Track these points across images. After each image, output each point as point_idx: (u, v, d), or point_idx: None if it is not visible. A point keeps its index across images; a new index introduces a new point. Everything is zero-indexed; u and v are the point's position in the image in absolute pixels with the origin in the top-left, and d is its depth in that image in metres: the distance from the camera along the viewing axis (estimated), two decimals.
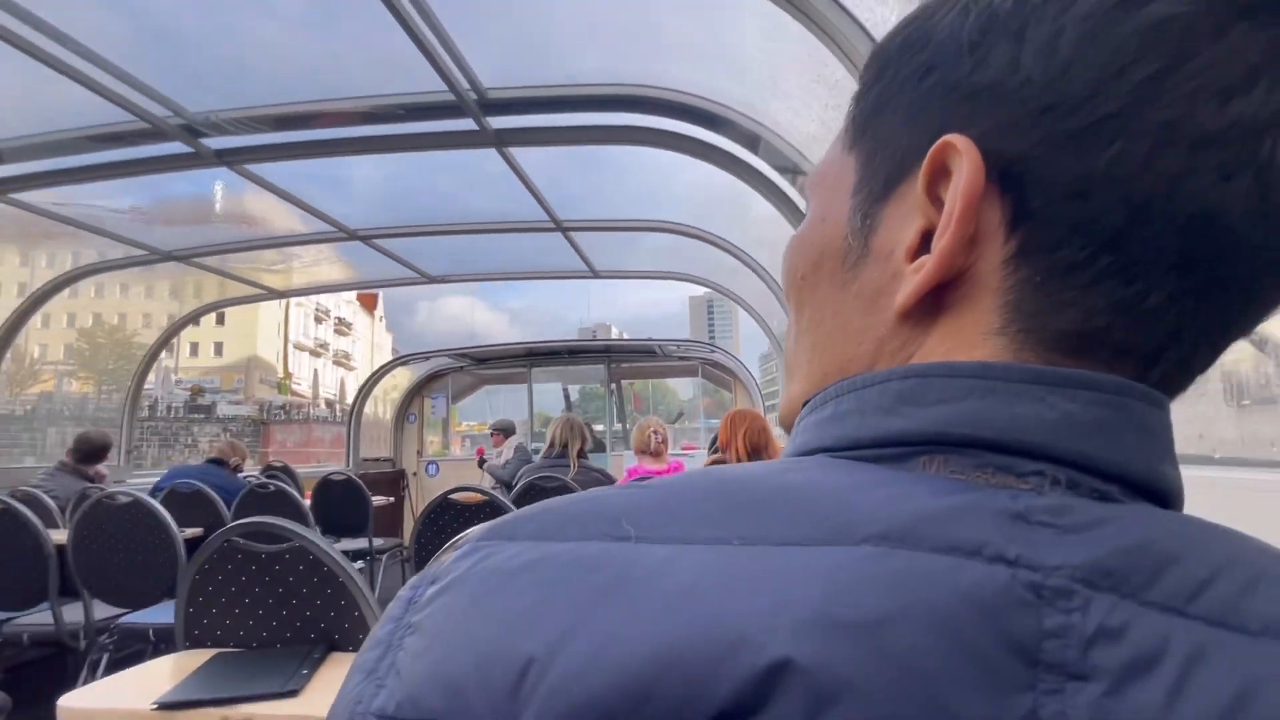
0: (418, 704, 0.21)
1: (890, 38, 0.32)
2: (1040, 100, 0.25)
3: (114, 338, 28.12)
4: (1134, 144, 0.24)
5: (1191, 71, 0.24)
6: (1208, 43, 0.24)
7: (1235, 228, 0.25)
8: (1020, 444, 0.24)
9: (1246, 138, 0.24)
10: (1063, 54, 0.25)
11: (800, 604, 0.20)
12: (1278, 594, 0.21)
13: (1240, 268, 0.26)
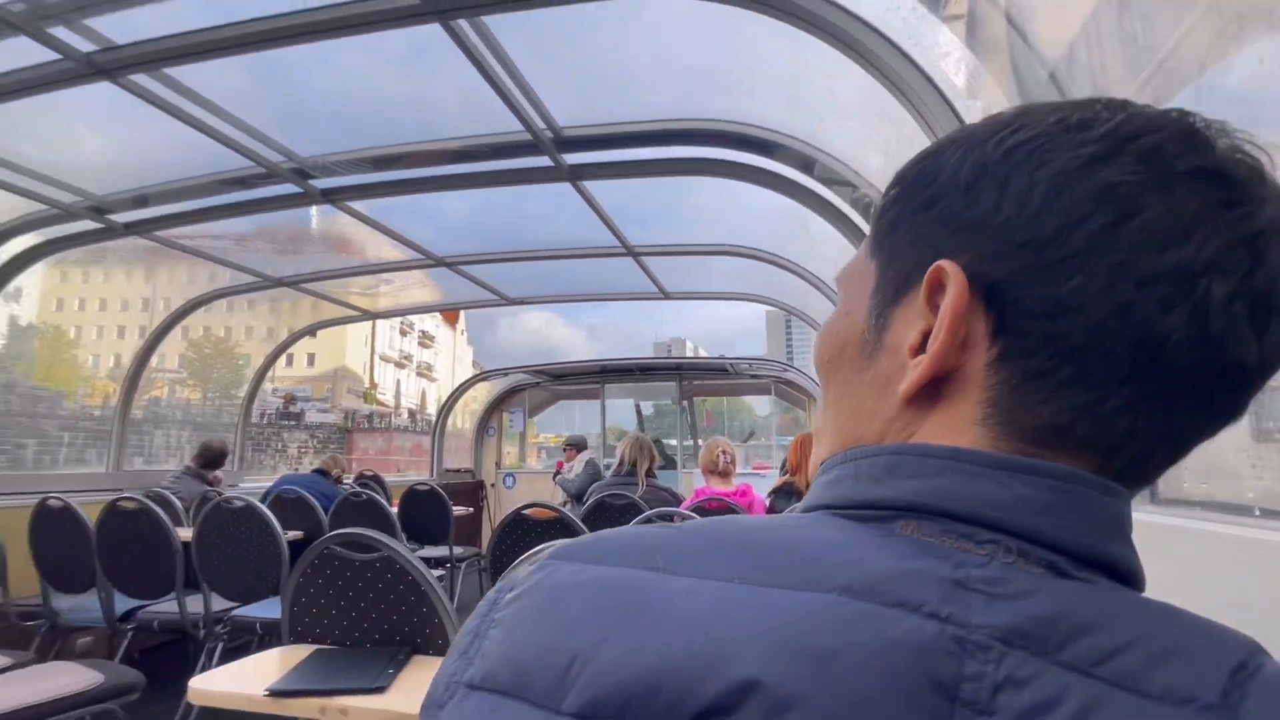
0: (495, 678, 0.29)
1: (908, 168, 0.39)
2: (1017, 237, 0.32)
3: (219, 348, 30.56)
4: (1090, 278, 0.30)
5: (1137, 225, 0.30)
6: (1150, 202, 0.30)
7: (1177, 350, 0.30)
8: (979, 517, 0.31)
9: (1183, 279, 0.30)
10: (1035, 202, 0.32)
11: (773, 634, 0.27)
12: (1184, 668, 0.25)
13: (1185, 383, 0.31)
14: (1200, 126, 0.32)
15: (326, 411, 32.32)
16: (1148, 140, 0.31)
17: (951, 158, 0.36)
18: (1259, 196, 0.31)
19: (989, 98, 1.34)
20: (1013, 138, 0.34)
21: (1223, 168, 0.31)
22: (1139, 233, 0.30)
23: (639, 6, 1.80)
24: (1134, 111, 0.33)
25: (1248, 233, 0.30)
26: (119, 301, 35.66)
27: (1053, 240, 0.31)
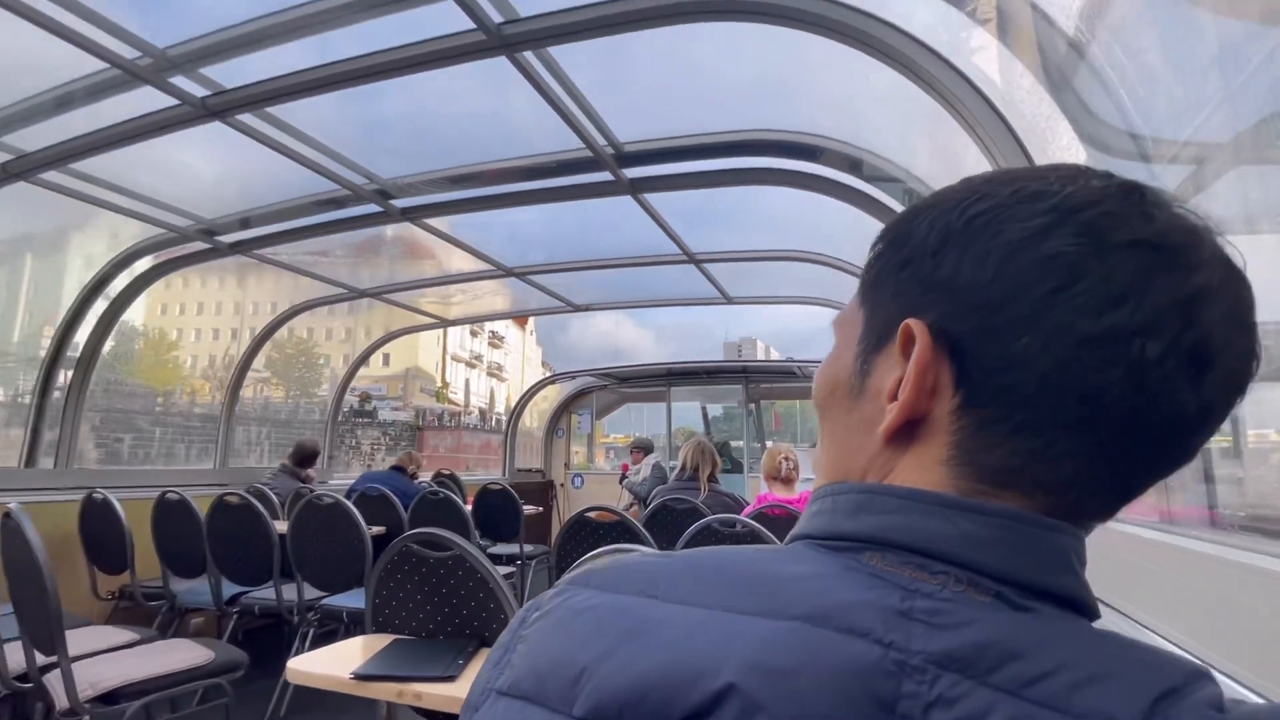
0: (519, 686, 0.36)
1: (890, 226, 0.44)
2: (974, 299, 0.37)
3: (300, 349, 32.19)
4: (1036, 338, 0.35)
5: (1077, 291, 0.34)
6: (1090, 270, 0.34)
7: (1117, 403, 0.34)
8: (930, 550, 0.35)
9: (1119, 339, 0.34)
10: (990, 268, 0.37)
11: (745, 653, 0.32)
12: (1109, 692, 0.29)
13: (1126, 431, 0.35)
14: (1138, 200, 0.36)
15: (399, 410, 32.84)
16: (1088, 214, 0.35)
17: (924, 222, 0.41)
18: (1191, 264, 0.34)
19: (1023, 88, 1.33)
20: (975, 206, 0.38)
21: (1157, 239, 0.34)
22: (1079, 298, 0.34)
23: (693, 29, 1.84)
24: (1081, 185, 0.37)
25: (1179, 297, 0.34)
26: (214, 305, 37.88)
27: (1004, 303, 0.36)
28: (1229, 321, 0.34)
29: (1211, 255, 0.35)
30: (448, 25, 1.90)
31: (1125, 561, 0.96)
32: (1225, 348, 0.34)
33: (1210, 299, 0.34)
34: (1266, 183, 0.87)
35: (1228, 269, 0.35)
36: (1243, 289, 0.36)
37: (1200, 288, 0.34)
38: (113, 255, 3.73)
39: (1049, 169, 0.39)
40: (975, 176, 0.42)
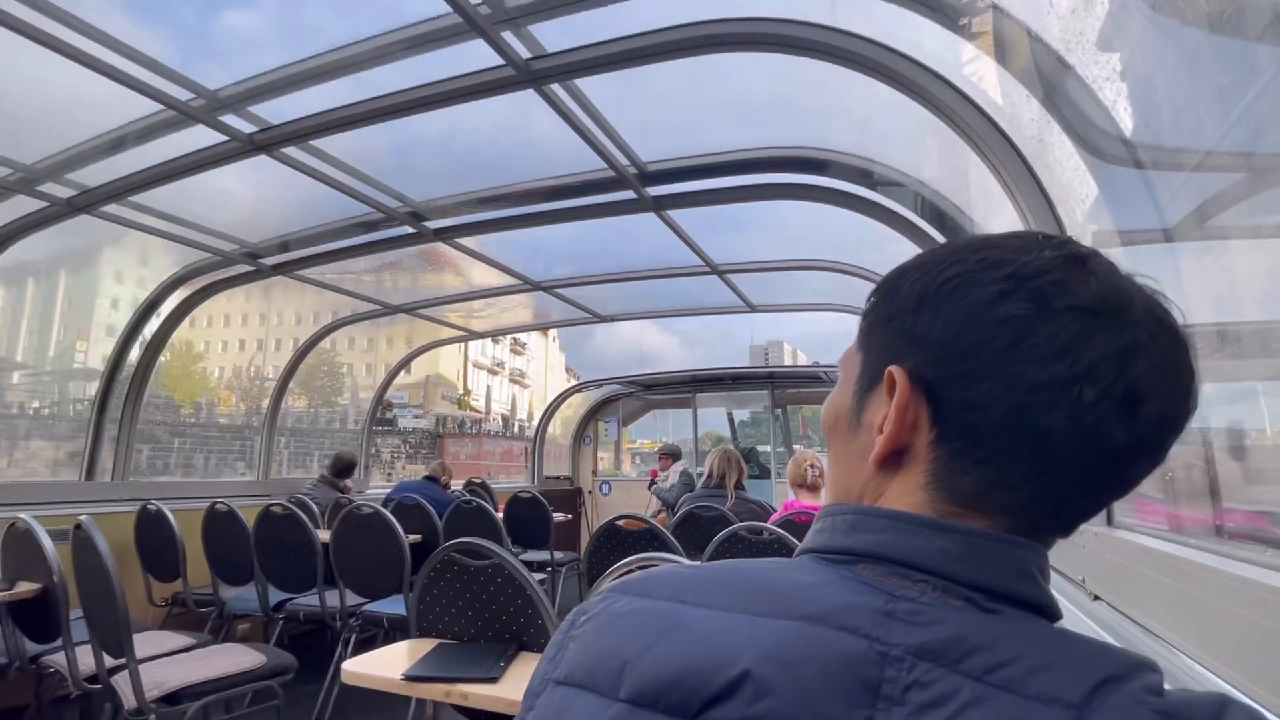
0: (573, 676, 0.45)
1: (883, 283, 0.52)
2: (943, 351, 0.45)
3: (321, 358, 32.24)
4: (994, 385, 0.43)
5: (1026, 346, 0.42)
6: (1037, 330, 0.42)
7: (1062, 439, 0.42)
8: (911, 562, 0.43)
9: (1061, 387, 0.41)
10: (955, 326, 0.45)
11: (758, 647, 0.40)
12: (1057, 677, 0.36)
13: (1071, 462, 0.42)
14: (1080, 270, 0.43)
15: (420, 418, 32.18)
16: (1037, 281, 0.43)
17: (907, 283, 0.49)
18: (1122, 323, 0.42)
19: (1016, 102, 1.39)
20: (948, 271, 0.46)
21: (1093, 303, 0.42)
22: (1028, 352, 0.42)
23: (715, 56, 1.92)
24: (1034, 256, 0.44)
25: (1111, 351, 0.41)
26: (240, 318, 38.01)
27: (968, 355, 0.43)
28: (1155, 371, 0.41)
29: (1142, 315, 0.42)
30: (479, 62, 2.02)
31: (1139, 572, 1.01)
32: (1152, 392, 0.41)
33: (1138, 352, 0.41)
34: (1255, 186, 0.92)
35: (1157, 326, 0.43)
36: (1169, 343, 0.43)
37: (1129, 343, 0.41)
38: (138, 272, 3.92)
39: (1014, 238, 0.47)
40: (954, 243, 0.50)
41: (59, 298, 28.24)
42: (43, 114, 2.60)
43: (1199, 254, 1.08)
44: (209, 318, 39.33)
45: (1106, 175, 1.29)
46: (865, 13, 1.60)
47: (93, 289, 27.31)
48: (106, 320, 26.67)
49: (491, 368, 52.42)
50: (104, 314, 27.43)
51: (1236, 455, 1.02)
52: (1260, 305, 0.95)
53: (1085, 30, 1.13)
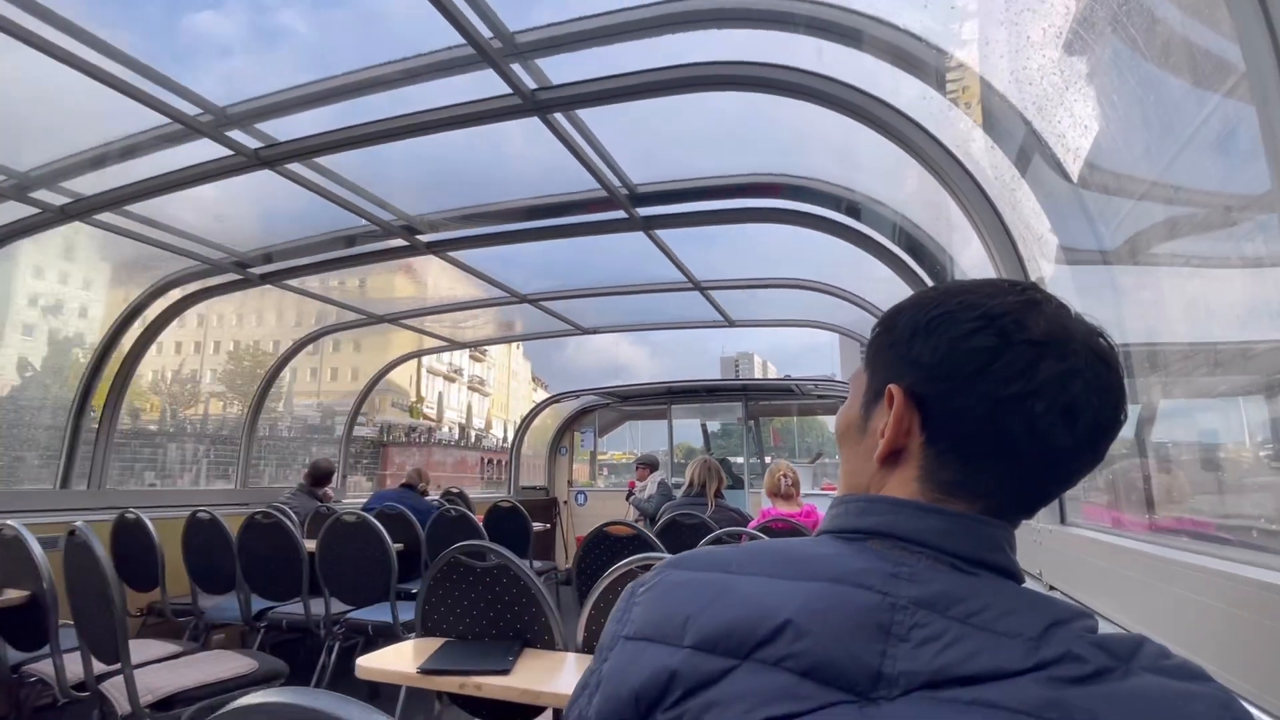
0: (641, 632, 0.57)
1: (886, 317, 0.66)
2: (931, 373, 0.59)
3: (260, 361, 29.56)
4: (967, 400, 0.57)
5: (991, 371, 0.56)
6: (1000, 358, 0.56)
7: (1019, 441, 0.56)
8: (910, 538, 0.57)
9: (1018, 401, 0.55)
10: (940, 354, 0.58)
11: (797, 601, 0.53)
12: (1020, 618, 0.50)
13: (1026, 460, 0.56)
14: (1036, 311, 0.57)
15: (361, 425, 31.52)
16: (1002, 320, 0.57)
17: (903, 319, 0.63)
18: (1064, 353, 0.56)
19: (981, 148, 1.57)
20: (935, 311, 0.60)
21: (1043, 337, 0.56)
22: (993, 375, 0.56)
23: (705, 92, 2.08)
24: (1000, 300, 0.58)
25: (1055, 374, 0.55)
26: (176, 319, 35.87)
27: (949, 377, 0.58)
28: (1090, 390, 0.56)
29: (1081, 346, 0.57)
30: (488, 90, 2.13)
31: (1082, 560, 1.17)
32: (1088, 406, 0.56)
33: (1076, 376, 0.55)
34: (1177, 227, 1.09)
35: (1092, 355, 0.57)
36: (1103, 369, 0.57)
37: (1069, 368, 0.55)
38: (60, 266, 3.90)
39: (987, 284, 0.61)
40: (940, 287, 0.64)
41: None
42: (42, 122, 2.63)
43: (1131, 274, 1.26)
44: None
45: (1058, 212, 1.47)
46: (849, 60, 1.76)
47: (5, 285, 25.30)
48: (21, 319, 24.33)
49: (448, 374, 50.49)
50: (19, 312, 25.24)
51: (1167, 468, 1.19)
52: (1181, 324, 1.12)
53: (1044, 93, 1.31)
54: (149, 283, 3.92)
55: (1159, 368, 1.11)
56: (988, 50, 1.39)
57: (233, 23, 2.27)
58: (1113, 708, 0.45)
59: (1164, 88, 1.00)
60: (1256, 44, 0.58)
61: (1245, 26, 0.59)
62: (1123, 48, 1.05)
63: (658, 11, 1.77)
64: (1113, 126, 1.18)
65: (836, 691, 0.49)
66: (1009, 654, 0.48)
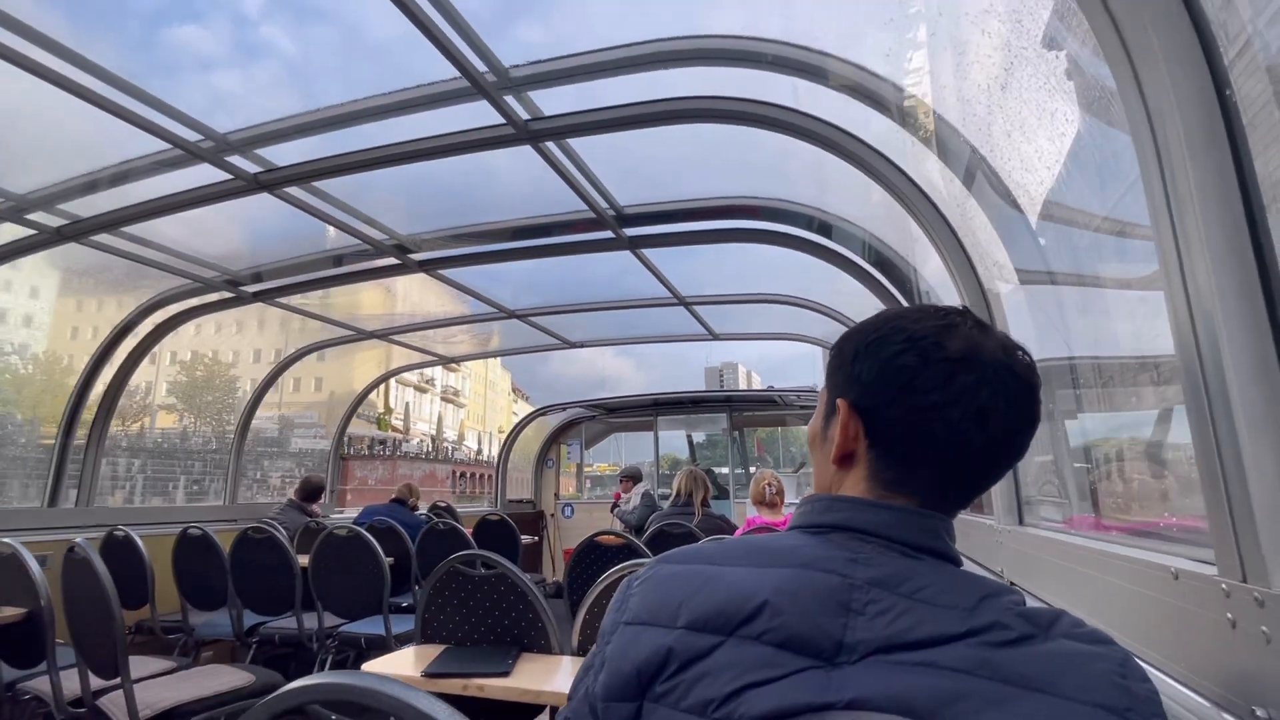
0: (638, 617, 0.68)
1: (837, 343, 0.78)
2: (869, 388, 0.71)
3: (211, 370, 26.95)
4: (897, 410, 0.68)
5: (915, 385, 0.68)
6: (922, 374, 0.68)
7: (942, 444, 0.67)
8: (864, 529, 0.68)
9: (938, 409, 0.67)
10: (874, 373, 0.70)
11: (771, 585, 0.64)
12: (957, 593, 0.62)
13: (949, 459, 0.68)
14: (952, 332, 0.69)
15: (320, 437, 27.37)
16: (923, 342, 0.68)
17: (849, 344, 0.75)
18: (974, 367, 0.67)
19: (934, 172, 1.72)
20: (871, 336, 0.72)
21: (955, 355, 0.67)
22: (917, 388, 0.67)
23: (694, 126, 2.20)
24: (924, 324, 0.70)
25: (967, 385, 0.66)
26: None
27: (882, 391, 0.69)
28: (998, 397, 0.67)
29: (988, 360, 0.68)
30: (481, 119, 2.24)
31: (1036, 556, 1.29)
32: (995, 411, 0.67)
33: (983, 386, 0.67)
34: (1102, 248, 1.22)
35: (998, 368, 0.68)
36: (1009, 378, 0.68)
37: (978, 380, 0.67)
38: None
39: (915, 311, 0.73)
40: (879, 315, 0.76)
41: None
42: (42, 147, 2.69)
43: (1073, 293, 1.39)
44: (94, 329, 32.63)
45: (1006, 231, 1.61)
46: (820, 95, 1.90)
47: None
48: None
49: (420, 385, 49.37)
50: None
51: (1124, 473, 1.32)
52: (1114, 340, 1.25)
53: (986, 125, 1.44)
54: (134, 301, 3.96)
55: (1097, 378, 1.24)
56: (938, 88, 1.53)
57: (222, 44, 2.35)
58: (1032, 666, 0.56)
59: (1077, 122, 1.13)
60: (1137, 121, 0.71)
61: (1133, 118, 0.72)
62: (1047, 84, 1.19)
63: (642, 50, 1.89)
64: (1042, 156, 1.31)
65: (807, 659, 0.60)
66: (947, 622, 0.59)
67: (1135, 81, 0.66)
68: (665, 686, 0.63)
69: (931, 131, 1.56)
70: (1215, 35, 0.66)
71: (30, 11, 1.95)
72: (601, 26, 2.08)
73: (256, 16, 2.43)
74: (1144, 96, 0.65)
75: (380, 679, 0.63)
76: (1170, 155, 0.64)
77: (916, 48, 1.49)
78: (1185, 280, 0.68)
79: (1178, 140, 0.62)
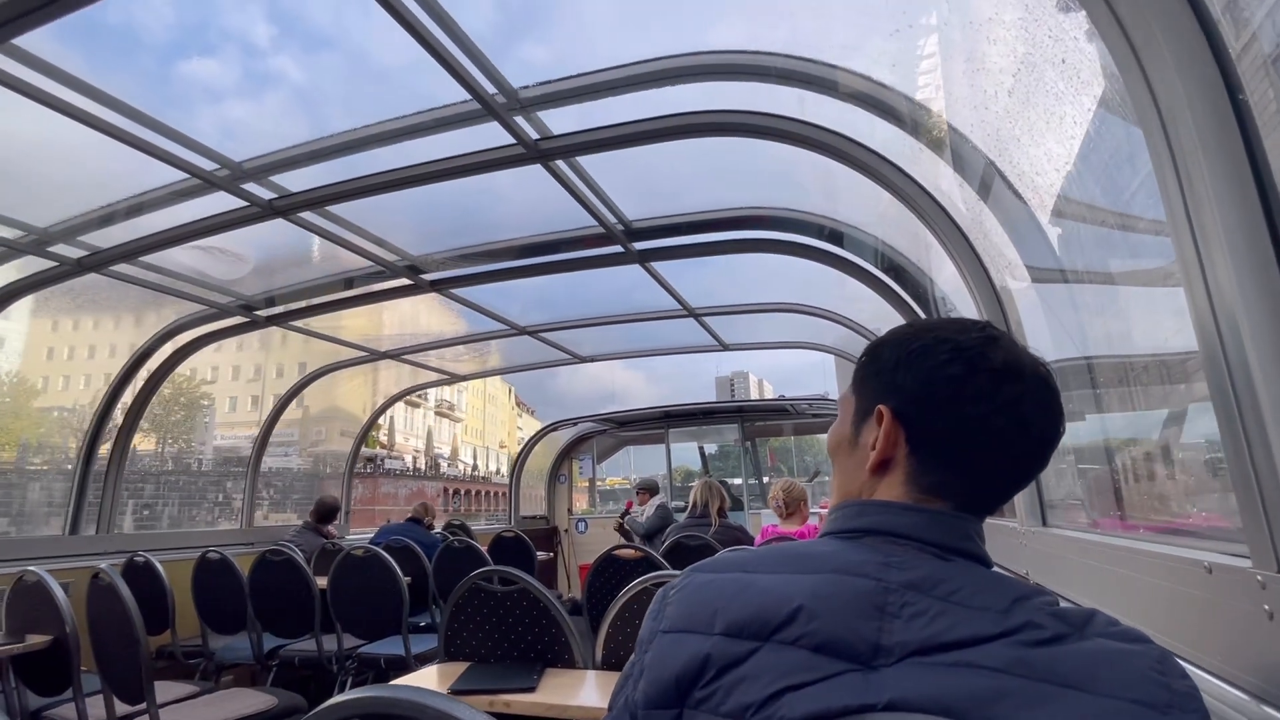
0: (676, 625, 0.68)
1: (869, 349, 0.79)
2: (913, 395, 0.71)
3: (179, 387, 24.19)
4: (943, 418, 0.69)
5: (962, 394, 0.69)
6: (968, 384, 0.69)
7: (985, 450, 0.68)
8: (898, 533, 0.69)
9: (984, 419, 0.68)
10: (921, 380, 0.71)
11: (807, 591, 0.65)
12: (991, 595, 0.62)
13: (993, 464, 0.69)
14: (994, 345, 0.70)
15: (289, 456, 27.37)
16: (969, 354, 0.70)
17: (887, 351, 0.75)
18: (1017, 378, 0.68)
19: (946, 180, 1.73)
20: (913, 344, 0.73)
21: (1000, 367, 0.69)
22: (963, 398, 0.68)
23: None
24: (967, 336, 0.71)
25: (1011, 397, 0.68)
26: (85, 349, 29.44)
27: (926, 400, 0.70)
28: (1037, 408, 0.68)
29: (1029, 373, 0.69)
30: (492, 140, 2.28)
31: (1064, 557, 1.28)
32: (1035, 422, 0.68)
33: (1027, 397, 0.68)
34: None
35: (1037, 380, 0.69)
36: (1045, 392, 0.69)
37: (1022, 391, 0.68)
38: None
39: (954, 323, 0.74)
40: (912, 325, 0.77)
41: None
42: (63, 181, 2.75)
43: (1089, 292, 1.39)
44: (67, 348, 28.36)
45: (1020, 237, 1.62)
46: (827, 106, 1.92)
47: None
48: None
49: (412, 400, 47.07)
50: None
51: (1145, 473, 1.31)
52: (1126, 339, 1.25)
53: (998, 130, 1.46)
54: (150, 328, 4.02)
55: (1118, 379, 1.24)
56: (949, 96, 1.54)
57: (232, 75, 2.41)
58: (1069, 664, 0.57)
59: (1086, 123, 1.14)
60: (1147, 116, 0.72)
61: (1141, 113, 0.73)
62: (1055, 87, 1.20)
63: (647, 69, 1.93)
64: (1057, 158, 1.32)
65: (844, 662, 0.61)
66: (982, 624, 0.59)
67: (1145, 82, 0.67)
68: (704, 692, 0.64)
69: (940, 136, 1.58)
70: (1221, 31, 0.68)
71: (52, 50, 2.00)
72: (602, 46, 2.12)
73: (266, 47, 2.49)
74: (1154, 96, 0.67)
75: (424, 692, 0.64)
76: (1184, 156, 0.65)
77: (923, 55, 1.51)
78: (1206, 277, 0.69)
79: (1190, 140, 0.63)
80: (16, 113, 2.21)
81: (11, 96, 2.02)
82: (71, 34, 2.07)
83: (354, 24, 2.28)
